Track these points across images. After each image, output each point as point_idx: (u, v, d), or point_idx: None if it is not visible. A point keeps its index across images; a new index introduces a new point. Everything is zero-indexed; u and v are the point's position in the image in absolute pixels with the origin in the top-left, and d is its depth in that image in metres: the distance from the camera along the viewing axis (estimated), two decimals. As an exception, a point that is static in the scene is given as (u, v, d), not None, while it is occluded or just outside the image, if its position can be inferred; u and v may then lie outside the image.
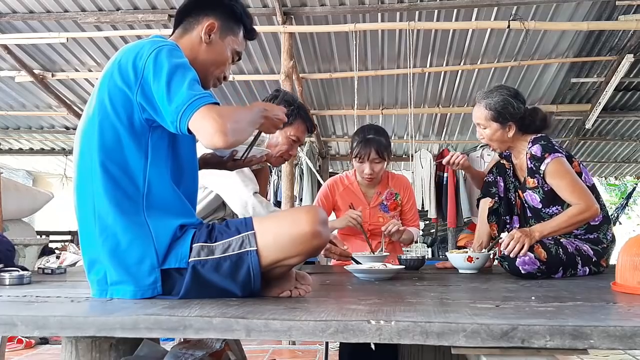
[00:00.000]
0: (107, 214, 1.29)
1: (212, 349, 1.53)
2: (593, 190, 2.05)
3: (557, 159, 2.00)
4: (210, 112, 1.20)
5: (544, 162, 2.00)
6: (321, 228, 1.31)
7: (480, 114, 2.14)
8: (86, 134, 1.34)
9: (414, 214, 2.81)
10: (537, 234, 1.87)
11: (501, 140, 2.14)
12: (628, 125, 7.02)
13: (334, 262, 2.80)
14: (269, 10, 4.48)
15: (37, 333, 1.07)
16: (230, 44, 1.52)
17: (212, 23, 1.47)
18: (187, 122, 1.21)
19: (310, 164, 6.85)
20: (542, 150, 2.02)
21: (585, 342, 0.93)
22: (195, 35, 1.48)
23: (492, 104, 2.10)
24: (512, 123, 2.10)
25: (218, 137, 1.19)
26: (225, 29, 1.50)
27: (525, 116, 2.12)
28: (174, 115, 1.22)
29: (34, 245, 3.37)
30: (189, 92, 1.22)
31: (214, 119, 1.19)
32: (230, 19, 1.51)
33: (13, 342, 3.87)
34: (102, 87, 1.34)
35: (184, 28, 1.50)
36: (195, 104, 1.21)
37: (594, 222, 2.04)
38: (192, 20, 1.49)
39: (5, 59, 5.31)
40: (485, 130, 2.14)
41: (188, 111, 1.20)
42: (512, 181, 2.25)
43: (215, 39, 1.48)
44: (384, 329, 0.97)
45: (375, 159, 2.56)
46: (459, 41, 4.97)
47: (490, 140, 2.15)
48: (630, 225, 12.59)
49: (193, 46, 1.46)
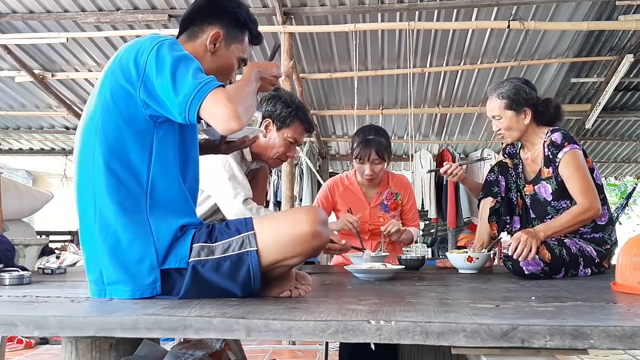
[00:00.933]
0: (108, 212, 1.29)
1: (212, 349, 1.53)
2: (600, 190, 2.06)
3: (576, 151, 2.00)
4: (220, 98, 1.22)
5: (562, 150, 2.00)
6: (321, 228, 1.31)
7: (495, 105, 2.13)
8: (88, 132, 1.34)
9: (414, 214, 2.81)
10: (542, 234, 1.86)
11: (518, 128, 2.12)
12: (628, 125, 7.02)
13: (334, 262, 2.80)
14: (269, 10, 4.48)
15: (37, 333, 1.07)
16: (236, 52, 1.52)
17: (217, 32, 1.47)
18: (196, 110, 1.22)
19: (310, 164, 6.85)
20: (563, 138, 2.02)
21: (585, 342, 0.93)
22: (200, 43, 1.48)
23: (505, 93, 2.11)
24: (527, 108, 2.10)
25: (233, 122, 1.22)
26: (230, 37, 1.50)
27: (539, 104, 2.13)
28: (182, 106, 1.22)
29: (34, 245, 3.37)
30: (194, 81, 1.23)
31: (225, 105, 1.21)
32: (234, 26, 1.51)
33: (13, 342, 3.86)
34: (103, 86, 1.34)
35: (188, 35, 1.50)
36: (202, 91, 1.22)
37: (600, 222, 2.04)
38: (196, 29, 1.49)
39: (5, 59, 5.31)
40: (501, 121, 2.13)
41: (196, 100, 1.21)
42: (514, 180, 2.25)
43: (220, 48, 1.49)
44: (384, 329, 0.97)
45: (376, 159, 2.56)
46: (459, 41, 4.97)
47: (507, 130, 2.13)
48: (630, 225, 12.60)
49: (197, 54, 1.45)
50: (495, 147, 6.93)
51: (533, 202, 2.16)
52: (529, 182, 2.18)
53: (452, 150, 7.04)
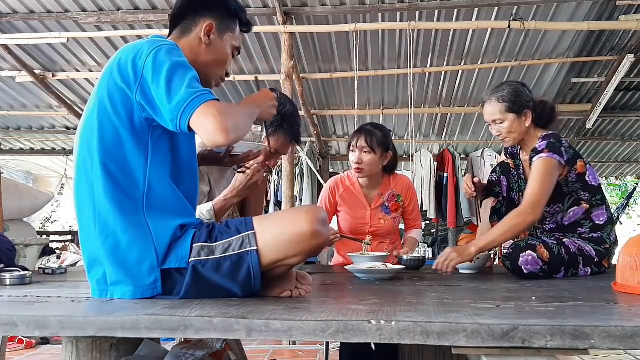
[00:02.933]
0: (107, 214, 1.29)
1: (212, 349, 1.54)
2: (598, 190, 2.06)
3: (549, 159, 1.96)
4: (211, 110, 1.20)
5: (538, 155, 1.99)
6: (321, 228, 1.31)
7: (495, 109, 2.12)
8: (86, 133, 1.35)
9: (417, 215, 2.79)
10: (473, 248, 1.87)
11: (519, 131, 2.11)
12: (629, 125, 7.02)
13: (335, 262, 2.79)
14: (269, 10, 4.47)
15: (38, 333, 1.07)
16: (229, 41, 1.52)
17: (210, 24, 1.47)
18: (187, 121, 1.21)
19: (310, 164, 6.85)
20: (546, 146, 2.01)
21: (586, 342, 0.93)
22: (194, 37, 1.47)
23: (505, 96, 2.10)
24: (528, 111, 2.10)
25: (220, 135, 1.20)
26: (223, 27, 1.50)
27: (537, 105, 2.13)
28: (174, 114, 1.22)
29: (34, 245, 3.37)
30: (188, 90, 1.22)
31: (215, 117, 1.20)
32: (226, 16, 1.51)
33: (14, 342, 3.87)
34: (101, 86, 1.34)
35: (181, 30, 1.50)
36: (195, 101, 1.21)
37: (599, 222, 2.04)
38: (188, 23, 1.49)
39: (6, 59, 5.31)
40: (502, 125, 2.11)
41: (188, 109, 1.21)
42: (515, 181, 2.25)
43: (214, 39, 1.48)
44: (384, 329, 0.97)
45: (365, 147, 2.52)
46: (460, 41, 4.96)
47: (509, 133, 2.12)
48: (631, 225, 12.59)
49: (193, 48, 1.46)
50: (496, 147, 6.93)
51: None
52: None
53: (453, 151, 7.03)
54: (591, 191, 2.05)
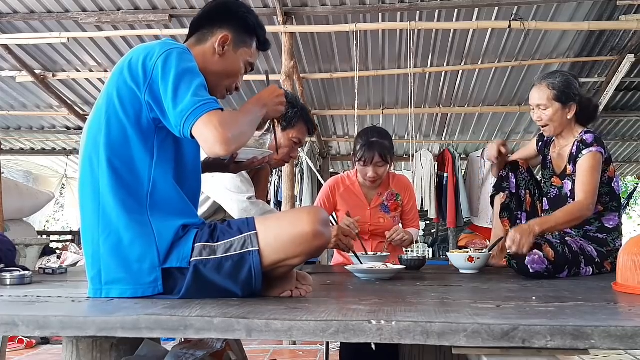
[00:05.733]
0: (111, 210, 1.30)
1: (213, 349, 1.54)
2: (617, 198, 2.10)
3: (598, 154, 2.02)
4: (213, 120, 1.22)
5: (588, 149, 2.02)
6: (322, 228, 1.31)
7: (543, 94, 2.12)
8: (93, 129, 1.36)
9: (415, 215, 2.81)
10: (537, 227, 1.87)
11: (560, 122, 2.13)
12: (629, 126, 7.02)
13: (335, 262, 2.80)
14: (269, 10, 4.48)
15: (38, 333, 1.07)
16: (243, 56, 1.54)
17: (226, 35, 1.49)
18: (190, 129, 1.24)
19: (311, 164, 6.85)
20: (594, 140, 2.04)
21: (586, 342, 0.93)
22: (209, 46, 1.49)
23: (556, 84, 2.11)
24: (573, 104, 2.11)
25: (219, 147, 1.23)
26: (239, 41, 1.52)
27: (583, 101, 2.15)
28: (178, 120, 1.24)
29: (35, 245, 3.38)
30: (194, 98, 1.24)
31: (215, 128, 1.22)
32: (243, 31, 1.53)
33: (14, 342, 3.87)
34: (111, 84, 1.35)
35: (197, 38, 1.52)
36: (198, 110, 1.23)
37: (608, 225, 2.07)
38: (206, 32, 1.51)
39: (6, 59, 5.31)
40: (545, 111, 2.12)
41: (191, 118, 1.23)
42: (523, 178, 2.28)
43: (228, 51, 1.50)
44: (384, 329, 0.97)
45: (379, 162, 2.55)
46: (460, 41, 4.96)
47: (550, 121, 2.13)
48: (631, 225, 12.59)
49: (205, 56, 1.47)
50: (496, 147, 6.92)
51: (556, 195, 2.17)
52: (557, 175, 2.20)
53: (453, 151, 7.04)
54: (611, 196, 2.09)
